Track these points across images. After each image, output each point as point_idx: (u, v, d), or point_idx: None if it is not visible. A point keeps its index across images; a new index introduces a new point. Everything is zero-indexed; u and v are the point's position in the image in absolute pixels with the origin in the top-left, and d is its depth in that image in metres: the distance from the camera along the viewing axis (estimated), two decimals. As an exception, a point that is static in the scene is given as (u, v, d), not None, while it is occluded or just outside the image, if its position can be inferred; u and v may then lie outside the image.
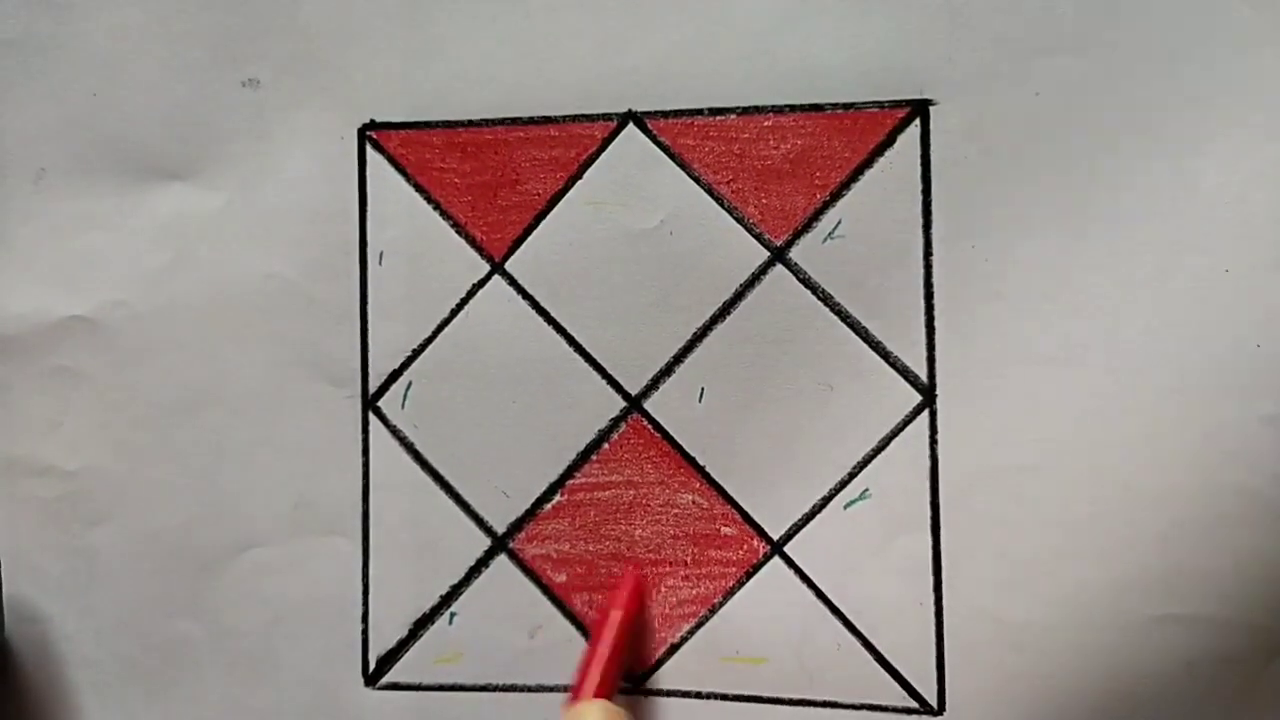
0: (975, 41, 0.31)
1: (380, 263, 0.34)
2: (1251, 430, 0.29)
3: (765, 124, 0.32)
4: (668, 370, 0.33)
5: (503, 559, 0.34)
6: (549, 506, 0.34)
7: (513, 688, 0.34)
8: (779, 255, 0.32)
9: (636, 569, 0.33)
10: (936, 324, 0.31)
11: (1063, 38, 0.31)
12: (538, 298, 0.34)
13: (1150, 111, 0.30)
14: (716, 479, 0.33)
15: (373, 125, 0.34)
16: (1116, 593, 0.30)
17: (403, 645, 0.34)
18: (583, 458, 0.34)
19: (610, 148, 0.33)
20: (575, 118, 0.33)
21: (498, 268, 0.34)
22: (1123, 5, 0.30)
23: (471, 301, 0.34)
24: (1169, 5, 0.30)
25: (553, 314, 0.33)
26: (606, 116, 0.33)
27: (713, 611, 0.33)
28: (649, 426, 0.33)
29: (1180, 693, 0.30)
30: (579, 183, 0.33)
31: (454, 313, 0.34)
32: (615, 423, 0.33)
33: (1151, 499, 0.30)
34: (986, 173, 0.31)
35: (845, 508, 0.32)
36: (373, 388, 0.34)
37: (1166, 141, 0.30)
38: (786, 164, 0.32)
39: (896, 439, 0.32)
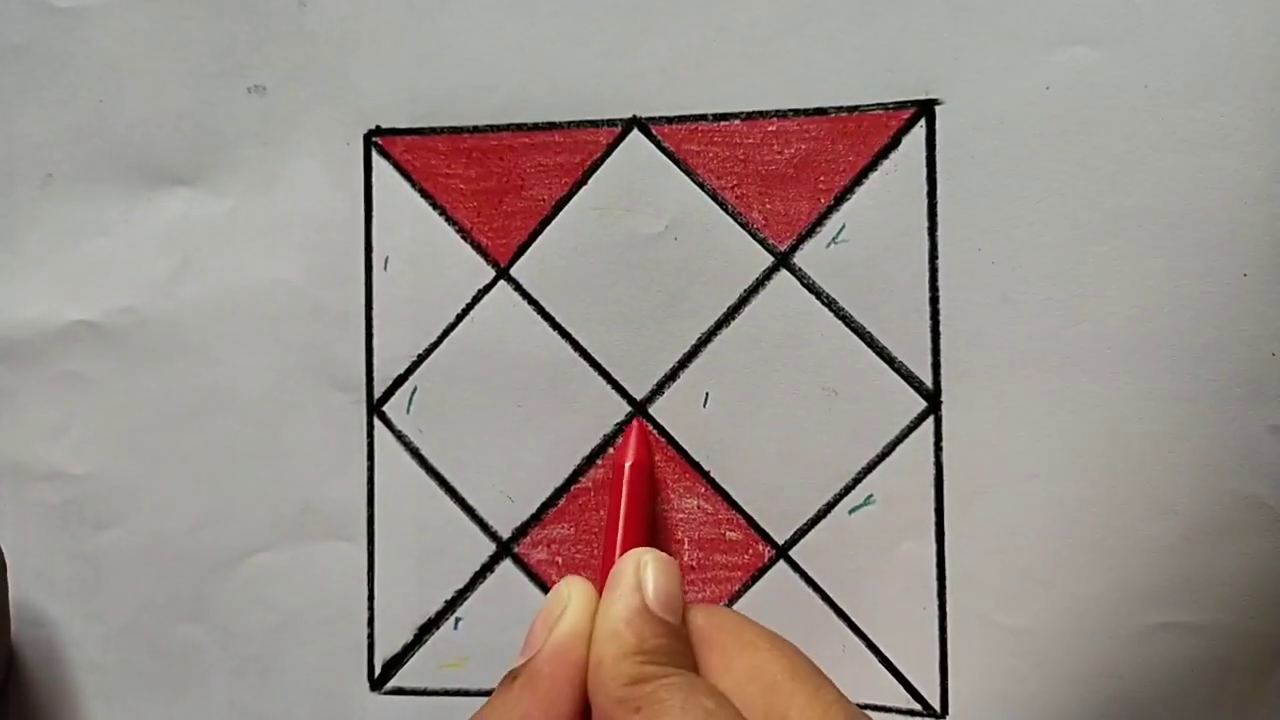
0: (983, 35, 0.31)
1: (386, 268, 0.34)
2: (1260, 439, 0.29)
3: (769, 129, 0.32)
4: (672, 375, 0.33)
5: (508, 564, 0.34)
6: (553, 511, 0.34)
7: (518, 692, 0.34)
8: (783, 260, 0.32)
9: (638, 422, 0.33)
10: (942, 329, 0.31)
11: (1075, 28, 0.30)
12: (543, 303, 0.34)
13: (1166, 105, 0.30)
14: (721, 484, 0.33)
15: (378, 131, 0.34)
16: (1120, 599, 0.30)
17: (408, 650, 0.34)
18: (587, 462, 0.34)
19: (615, 153, 0.33)
20: (580, 124, 0.33)
21: (503, 273, 0.34)
22: None
23: (477, 307, 0.34)
24: None
25: (558, 319, 0.34)
26: (611, 122, 0.33)
27: (718, 616, 0.33)
28: (654, 431, 0.33)
29: (1183, 700, 0.29)
30: (584, 188, 0.33)
31: (459, 318, 0.34)
32: (620, 427, 0.33)
33: (1157, 506, 0.29)
34: (994, 172, 0.31)
35: (850, 513, 0.32)
36: (378, 393, 0.34)
37: (1183, 135, 0.29)
38: (790, 168, 0.32)
39: (901, 445, 0.32)
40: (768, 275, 0.32)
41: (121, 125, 0.35)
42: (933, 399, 0.31)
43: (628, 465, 0.31)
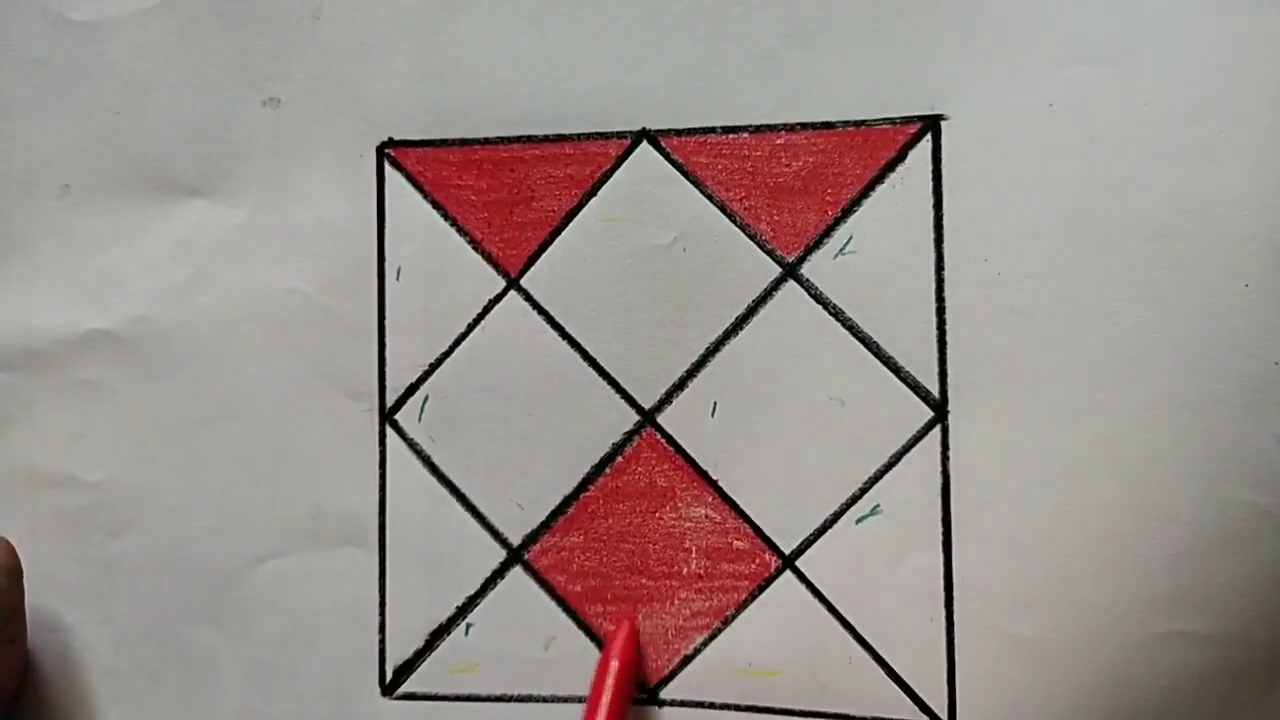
0: (988, 53, 0.31)
1: (398, 278, 0.35)
2: (1265, 449, 0.29)
3: (777, 142, 0.33)
4: (681, 385, 0.33)
5: (518, 570, 0.34)
6: (563, 519, 0.34)
7: (528, 698, 0.34)
8: (791, 271, 0.33)
9: (631, 618, 0.33)
10: (948, 339, 0.32)
11: (1078, 47, 0.31)
12: (553, 313, 0.34)
13: (1167, 121, 0.30)
14: (729, 493, 0.33)
15: (391, 143, 0.35)
16: (1127, 609, 0.30)
17: (419, 656, 0.35)
18: (597, 471, 0.34)
19: (624, 165, 0.33)
20: (590, 135, 0.34)
21: (513, 283, 0.34)
22: (1139, 13, 0.30)
23: (488, 316, 0.34)
24: (1186, 13, 0.30)
25: (567, 329, 0.34)
26: (620, 134, 0.33)
27: (725, 624, 0.33)
28: (662, 440, 0.33)
29: (1190, 709, 0.29)
30: (593, 200, 0.34)
31: (470, 328, 0.34)
32: (629, 436, 0.34)
33: (1163, 516, 0.29)
34: (999, 186, 0.31)
35: (857, 523, 0.32)
36: (390, 401, 0.35)
37: (1184, 151, 0.30)
38: (798, 181, 0.33)
39: (908, 455, 0.32)
40: (775, 286, 0.33)
41: (137, 137, 0.36)
42: (939, 409, 0.32)
43: (613, 664, 0.32)
